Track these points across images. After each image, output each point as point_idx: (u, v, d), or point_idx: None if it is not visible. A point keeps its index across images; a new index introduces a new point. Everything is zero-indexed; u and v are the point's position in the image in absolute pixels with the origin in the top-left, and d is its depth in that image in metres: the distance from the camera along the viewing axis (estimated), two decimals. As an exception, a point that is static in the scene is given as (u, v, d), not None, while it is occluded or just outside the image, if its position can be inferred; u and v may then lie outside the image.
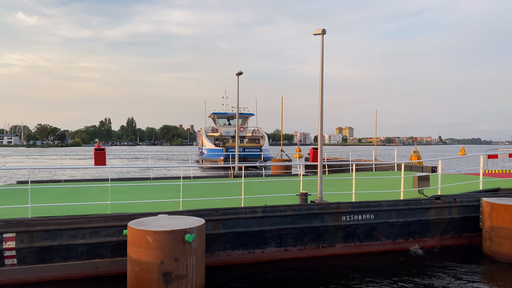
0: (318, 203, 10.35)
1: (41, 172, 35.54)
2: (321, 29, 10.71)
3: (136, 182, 15.44)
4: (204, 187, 14.19)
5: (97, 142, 23.21)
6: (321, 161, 11.06)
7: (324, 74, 11.04)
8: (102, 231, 8.50)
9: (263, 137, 51.25)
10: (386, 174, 18.62)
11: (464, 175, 17.41)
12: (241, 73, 20.76)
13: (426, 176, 12.22)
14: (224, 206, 9.96)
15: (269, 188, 14.02)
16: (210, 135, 51.64)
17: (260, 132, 51.94)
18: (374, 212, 10.58)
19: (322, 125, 11.12)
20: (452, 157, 13.47)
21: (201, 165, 12.77)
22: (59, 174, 34.30)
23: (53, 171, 36.93)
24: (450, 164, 47.83)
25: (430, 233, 11.32)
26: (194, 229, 7.64)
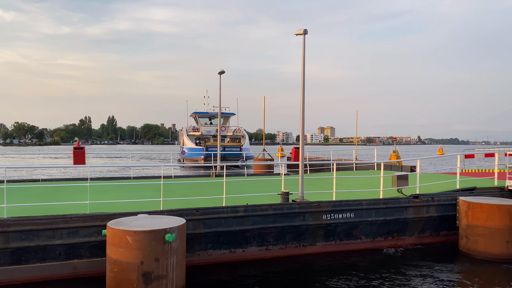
0: (299, 202, 10.41)
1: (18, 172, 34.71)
2: (303, 29, 10.77)
3: (116, 182, 15.23)
4: (186, 187, 14.09)
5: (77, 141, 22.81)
6: (302, 160, 11.12)
7: (306, 74, 11.11)
8: (81, 231, 8.35)
9: (244, 137, 52.11)
10: (366, 174, 18.85)
11: (442, 175, 17.77)
12: (223, 72, 20.71)
13: (405, 176, 12.42)
14: (206, 205, 9.91)
15: (251, 188, 14.01)
16: (191, 134, 52.41)
17: (241, 132, 52.80)
18: (354, 211, 10.70)
19: (303, 125, 11.18)
20: (431, 157, 13.74)
21: (182, 164, 12.71)
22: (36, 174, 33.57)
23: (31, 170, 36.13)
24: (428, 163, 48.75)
25: (408, 232, 11.51)
26: (175, 229, 7.59)
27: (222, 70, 20.67)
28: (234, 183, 15.15)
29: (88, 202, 9.43)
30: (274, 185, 14.43)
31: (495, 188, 13.11)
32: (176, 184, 14.45)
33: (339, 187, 13.51)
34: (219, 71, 20.70)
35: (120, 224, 7.70)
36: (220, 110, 22.04)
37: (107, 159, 64.83)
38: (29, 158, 62.99)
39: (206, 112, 54.51)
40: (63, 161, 56.90)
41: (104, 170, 37.11)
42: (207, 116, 54.75)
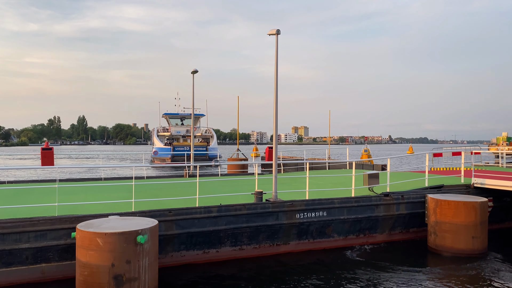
0: (273, 201, 10.45)
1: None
2: (276, 30, 10.82)
3: (86, 183, 14.88)
4: (158, 187, 13.92)
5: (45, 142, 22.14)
6: (275, 160, 11.17)
7: (280, 74, 11.18)
8: (49, 234, 8.12)
9: (212, 137, 54.56)
10: (339, 172, 19.12)
11: (412, 173, 18.22)
12: (196, 71, 20.57)
13: (376, 174, 12.66)
14: (179, 206, 9.82)
15: (224, 188, 13.98)
16: (161, 135, 54.31)
17: (210, 132, 55.37)
18: (326, 210, 10.83)
19: (277, 125, 11.23)
20: (401, 156, 14.06)
21: (154, 165, 12.55)
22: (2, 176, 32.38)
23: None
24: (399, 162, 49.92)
25: (379, 229, 11.75)
26: (147, 230, 7.49)
27: (195, 70, 20.54)
28: (207, 183, 15.07)
29: (57, 204, 9.18)
30: (248, 184, 14.44)
31: (461, 186, 13.55)
32: (148, 185, 14.25)
33: (312, 186, 13.65)
34: (192, 71, 20.55)
35: (90, 226, 7.53)
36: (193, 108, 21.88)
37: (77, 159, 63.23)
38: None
39: (177, 114, 56.62)
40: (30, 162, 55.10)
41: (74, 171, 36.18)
42: (178, 117, 56.82)
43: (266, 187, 12.23)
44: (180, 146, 50.62)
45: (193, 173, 19.12)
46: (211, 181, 15.93)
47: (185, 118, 57.29)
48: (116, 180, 16.59)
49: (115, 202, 10.36)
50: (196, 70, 20.54)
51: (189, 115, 56.47)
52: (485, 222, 10.97)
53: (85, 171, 36.39)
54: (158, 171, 35.90)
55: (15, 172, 34.79)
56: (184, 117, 57.18)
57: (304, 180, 15.63)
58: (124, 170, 35.68)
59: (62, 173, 33.60)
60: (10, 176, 31.96)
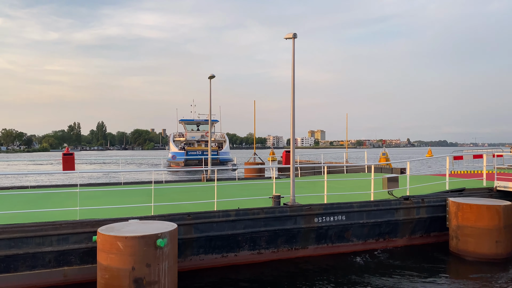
0: (291, 205, 10.40)
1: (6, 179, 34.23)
2: (292, 33, 10.82)
3: (106, 187, 15.10)
4: (176, 191, 14.02)
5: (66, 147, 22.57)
6: (293, 164, 11.14)
7: (296, 78, 11.16)
8: (71, 238, 8.26)
9: (225, 141, 58.11)
10: (357, 176, 18.94)
11: (432, 176, 17.92)
12: (213, 76, 20.67)
13: (395, 178, 12.49)
14: (197, 210, 9.87)
15: (242, 191, 13.99)
16: (177, 140, 57.55)
17: (223, 137, 58.88)
18: (345, 214, 10.73)
19: (294, 128, 11.20)
20: (420, 159, 13.85)
21: (173, 169, 12.68)
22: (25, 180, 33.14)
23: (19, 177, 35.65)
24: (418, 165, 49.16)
25: (399, 233, 11.58)
26: (166, 234, 7.54)
27: (212, 75, 20.64)
28: (225, 187, 15.11)
29: (78, 209, 9.34)
30: (265, 188, 14.43)
31: (484, 189, 13.26)
32: (167, 189, 14.37)
33: (330, 190, 13.55)
34: (209, 76, 20.66)
35: (110, 230, 7.63)
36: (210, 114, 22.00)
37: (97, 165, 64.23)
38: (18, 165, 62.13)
39: (192, 120, 60.15)
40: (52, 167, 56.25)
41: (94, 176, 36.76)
42: (193, 123, 60.26)
43: (284, 191, 12.19)
44: (192, 150, 54.03)
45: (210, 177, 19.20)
46: (228, 185, 15.97)
47: (201, 124, 60.40)
48: (135, 184, 16.79)
49: (135, 206, 10.47)
50: (213, 75, 20.64)
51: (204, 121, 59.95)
52: (509, 226, 10.70)
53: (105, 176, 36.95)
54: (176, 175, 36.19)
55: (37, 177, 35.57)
56: (200, 123, 60.27)
57: (322, 184, 15.53)
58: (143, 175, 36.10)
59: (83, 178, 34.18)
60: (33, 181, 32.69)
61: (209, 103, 21.78)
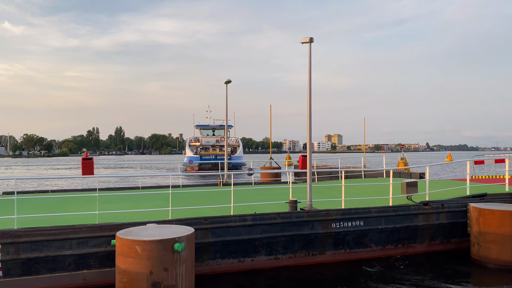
0: (308, 210, 10.37)
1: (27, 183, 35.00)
2: (309, 38, 10.82)
3: (124, 192, 15.30)
4: (193, 196, 14.12)
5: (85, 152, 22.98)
6: (310, 168, 11.11)
7: (312, 81, 11.13)
8: (90, 242, 8.39)
9: (238, 146, 59.90)
10: (375, 181, 18.75)
11: (452, 181, 17.60)
12: (230, 81, 20.79)
13: (414, 182, 12.33)
14: (214, 214, 9.92)
15: (258, 196, 14.00)
16: (193, 145, 59.48)
17: (237, 142, 60.96)
18: (363, 219, 10.63)
19: (310, 133, 11.18)
20: (440, 163, 13.63)
21: (190, 173, 12.79)
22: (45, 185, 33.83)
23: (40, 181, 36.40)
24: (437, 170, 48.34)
25: (418, 239, 11.40)
26: (184, 238, 7.60)
27: (229, 80, 20.76)
28: (241, 191, 15.14)
29: (97, 213, 9.48)
30: (282, 193, 14.40)
31: (506, 194, 12.96)
32: (184, 193, 14.48)
33: (348, 195, 13.44)
34: (226, 81, 20.78)
35: (129, 234, 7.73)
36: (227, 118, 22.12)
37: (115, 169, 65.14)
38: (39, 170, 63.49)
39: (207, 125, 62.23)
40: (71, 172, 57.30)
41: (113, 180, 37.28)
42: (209, 128, 62.26)
43: (300, 196, 12.14)
44: (206, 155, 55.94)
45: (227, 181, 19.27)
46: (245, 189, 16.00)
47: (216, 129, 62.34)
48: (153, 188, 16.96)
49: (152, 210, 10.59)
50: (229, 80, 20.76)
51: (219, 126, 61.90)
52: (533, 233, 10.41)
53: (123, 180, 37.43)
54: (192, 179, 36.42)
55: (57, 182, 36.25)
56: (215, 128, 62.21)
57: (339, 189, 15.42)
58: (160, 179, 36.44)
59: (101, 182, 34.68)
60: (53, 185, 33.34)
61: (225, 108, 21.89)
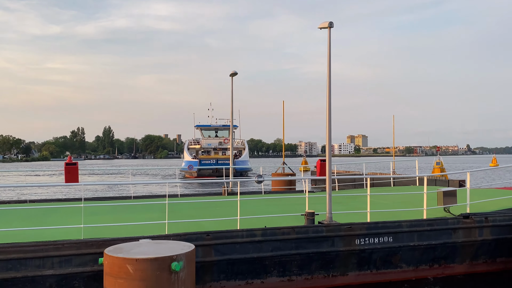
0: (327, 224, 10.34)
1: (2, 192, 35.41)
2: (328, 22, 10.81)
3: (114, 202, 15.39)
4: (194, 207, 14.15)
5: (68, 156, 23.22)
6: (329, 175, 11.08)
7: (332, 74, 11.11)
8: (74, 260, 8.45)
9: (244, 149, 59.68)
10: (406, 190, 18.65)
11: (497, 190, 17.44)
12: (236, 73, 20.86)
13: (453, 192, 12.24)
14: (217, 228, 9.94)
15: (269, 207, 13.99)
16: (192, 148, 59.44)
17: (243, 144, 60.51)
18: (392, 234, 10.58)
19: (330, 133, 11.14)
20: (483, 169, 13.52)
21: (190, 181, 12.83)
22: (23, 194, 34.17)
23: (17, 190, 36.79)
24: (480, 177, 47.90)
25: (458, 258, 11.31)
26: (182, 256, 7.61)
27: (234, 72, 20.83)
28: (249, 202, 15.16)
29: (83, 226, 9.54)
30: (297, 204, 14.38)
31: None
32: (182, 204, 14.53)
33: (374, 206, 13.37)
34: (231, 73, 20.85)
35: (119, 251, 7.76)
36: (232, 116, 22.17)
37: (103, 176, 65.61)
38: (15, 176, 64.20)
39: (209, 125, 61.99)
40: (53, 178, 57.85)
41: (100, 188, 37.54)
42: (211, 129, 62.28)
43: (318, 208, 12.11)
44: (206, 159, 55.88)
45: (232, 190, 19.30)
46: (253, 199, 16.01)
47: (219, 130, 62.38)
48: (147, 198, 17.05)
49: (146, 224, 10.63)
50: (235, 72, 20.83)
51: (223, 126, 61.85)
52: None
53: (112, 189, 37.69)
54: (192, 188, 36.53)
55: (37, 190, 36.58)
56: (218, 129, 62.28)
57: (364, 199, 15.33)
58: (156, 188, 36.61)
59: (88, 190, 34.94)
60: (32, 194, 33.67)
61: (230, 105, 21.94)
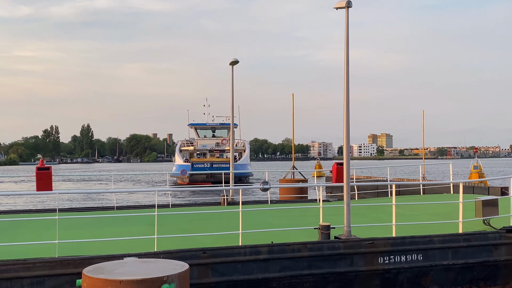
0: (345, 239, 10.36)
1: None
2: (346, 1, 10.80)
3: (94, 214, 15.43)
4: (188, 219, 14.18)
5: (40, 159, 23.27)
6: (348, 181, 11.07)
7: (351, 62, 11.10)
8: (48, 282, 8.46)
9: (244, 151, 60.26)
10: (439, 199, 18.63)
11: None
12: (237, 62, 20.93)
13: (494, 201, 12.22)
14: (215, 244, 9.94)
15: (276, 220, 14.00)
16: (185, 149, 60.33)
17: (243, 145, 61.24)
18: (422, 251, 10.58)
19: (348, 132, 11.13)
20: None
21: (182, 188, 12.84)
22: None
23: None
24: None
25: (500, 279, 11.29)
26: (174, 277, 7.61)
27: (235, 60, 20.90)
28: (252, 213, 15.17)
29: (57, 242, 9.56)
30: (309, 216, 14.38)
31: None
32: (174, 216, 14.55)
33: (401, 218, 13.36)
34: (231, 61, 20.93)
35: (100, 272, 7.77)
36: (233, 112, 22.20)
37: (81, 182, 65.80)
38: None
39: (205, 124, 62.53)
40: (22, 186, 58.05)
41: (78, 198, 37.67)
42: (207, 128, 62.92)
43: (335, 220, 12.11)
44: (199, 162, 56.03)
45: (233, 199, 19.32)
46: (258, 210, 16.03)
47: (217, 129, 62.99)
48: (132, 209, 17.08)
49: (132, 239, 10.67)
50: (236, 61, 20.91)
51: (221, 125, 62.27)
52: None
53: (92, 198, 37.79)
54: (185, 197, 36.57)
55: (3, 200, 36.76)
56: (215, 128, 62.86)
57: (388, 209, 15.32)
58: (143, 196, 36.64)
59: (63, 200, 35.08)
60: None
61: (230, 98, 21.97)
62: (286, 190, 28.66)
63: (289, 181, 33.72)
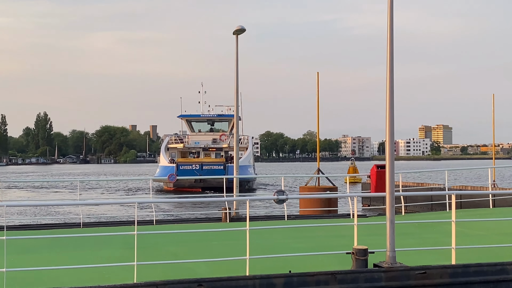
0: (388, 268, 10.38)
1: None
2: None
3: (54, 233, 15.50)
4: (178, 240, 14.23)
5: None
6: (392, 189, 11.07)
7: (397, 29, 11.09)
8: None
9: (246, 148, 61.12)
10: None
11: None
12: (243, 30, 20.94)
13: None
14: (214, 274, 9.99)
15: (295, 241, 14.03)
16: (173, 147, 61.97)
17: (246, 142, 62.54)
18: (492, 284, 10.58)
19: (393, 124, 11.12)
20: None
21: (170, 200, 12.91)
22: None
23: None
24: None
25: None
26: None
27: (241, 28, 20.91)
28: (265, 232, 15.20)
29: (5, 270, 9.63)
30: (339, 236, 14.42)
31: None
32: (160, 236, 14.60)
33: (462, 240, 13.36)
34: (235, 30, 20.95)
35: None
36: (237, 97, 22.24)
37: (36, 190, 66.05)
38: None
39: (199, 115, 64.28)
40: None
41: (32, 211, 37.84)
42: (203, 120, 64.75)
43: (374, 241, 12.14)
44: (186, 164, 56.87)
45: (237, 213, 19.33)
46: (270, 229, 16.04)
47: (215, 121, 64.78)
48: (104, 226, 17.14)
49: (104, 267, 10.72)
50: (241, 28, 20.92)
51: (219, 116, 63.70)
52: None
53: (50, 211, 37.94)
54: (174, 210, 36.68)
55: None
56: (214, 120, 64.48)
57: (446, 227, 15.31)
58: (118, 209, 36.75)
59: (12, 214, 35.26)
60: None
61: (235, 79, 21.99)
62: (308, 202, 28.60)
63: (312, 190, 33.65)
